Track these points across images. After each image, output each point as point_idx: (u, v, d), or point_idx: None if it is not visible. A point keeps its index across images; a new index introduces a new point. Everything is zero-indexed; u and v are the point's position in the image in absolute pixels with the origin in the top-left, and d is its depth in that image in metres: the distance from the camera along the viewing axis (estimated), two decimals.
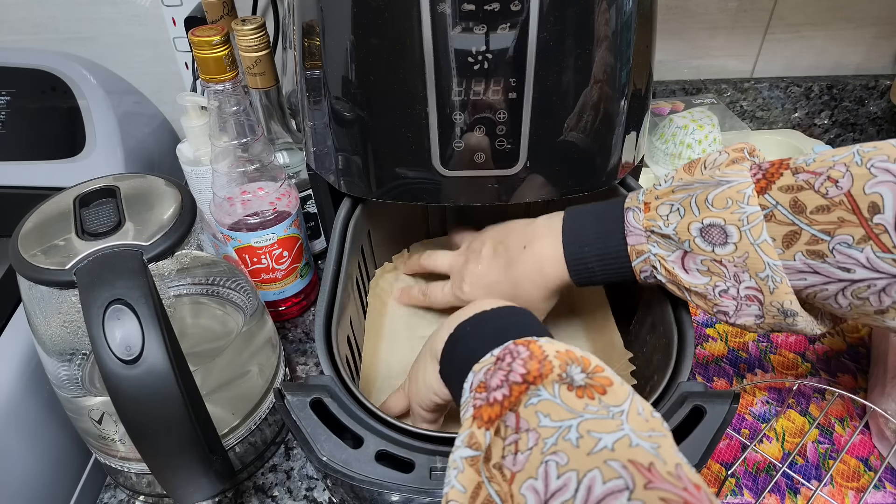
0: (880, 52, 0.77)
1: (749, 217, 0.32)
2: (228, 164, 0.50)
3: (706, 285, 0.34)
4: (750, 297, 0.33)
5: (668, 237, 0.35)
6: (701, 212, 0.33)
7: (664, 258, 0.35)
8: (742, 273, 0.33)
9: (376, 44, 0.38)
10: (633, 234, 0.36)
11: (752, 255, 0.32)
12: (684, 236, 0.34)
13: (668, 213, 0.35)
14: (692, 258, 0.34)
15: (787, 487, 0.45)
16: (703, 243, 0.33)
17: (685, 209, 0.34)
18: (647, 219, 0.36)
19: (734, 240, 0.32)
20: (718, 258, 0.33)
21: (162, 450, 0.33)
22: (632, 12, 0.39)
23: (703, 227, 0.33)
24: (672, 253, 0.35)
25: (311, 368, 0.56)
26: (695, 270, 0.34)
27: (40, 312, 0.38)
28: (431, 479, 0.30)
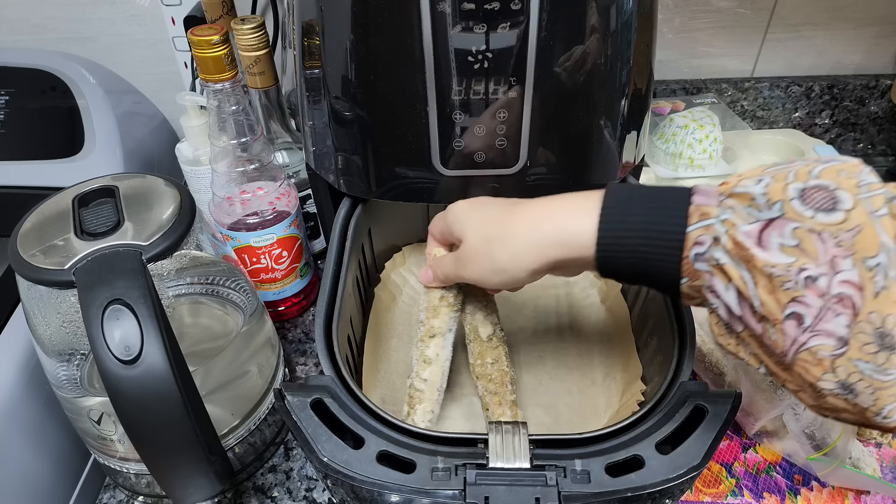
0: (881, 52, 0.77)
1: (870, 186, 0.25)
2: (228, 164, 0.50)
3: (788, 266, 0.25)
4: (843, 297, 0.24)
5: (750, 199, 0.27)
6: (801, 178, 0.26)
7: (735, 226, 0.27)
8: (843, 259, 0.24)
9: (376, 43, 0.38)
10: (702, 194, 0.28)
11: (867, 231, 0.24)
12: (777, 196, 0.26)
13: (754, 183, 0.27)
14: (779, 228, 0.26)
15: (787, 488, 0.45)
16: (802, 206, 0.25)
17: (776, 179, 0.27)
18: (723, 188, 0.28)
19: (846, 207, 0.25)
20: (819, 229, 0.25)
21: (161, 450, 0.33)
22: (632, 12, 0.38)
23: (805, 188, 0.26)
24: (749, 224, 0.26)
25: (311, 368, 0.56)
26: (776, 247, 0.25)
27: (39, 312, 0.38)
28: (433, 479, 0.30)
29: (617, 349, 0.48)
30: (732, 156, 0.70)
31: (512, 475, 0.30)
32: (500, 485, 0.30)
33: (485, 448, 0.31)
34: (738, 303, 0.27)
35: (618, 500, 0.30)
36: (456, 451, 0.32)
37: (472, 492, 0.30)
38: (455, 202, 0.38)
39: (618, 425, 0.33)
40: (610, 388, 0.46)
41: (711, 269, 0.28)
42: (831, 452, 0.43)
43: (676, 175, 0.67)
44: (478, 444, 0.32)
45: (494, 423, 0.32)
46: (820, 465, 0.44)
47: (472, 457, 0.31)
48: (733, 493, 0.45)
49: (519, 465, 0.31)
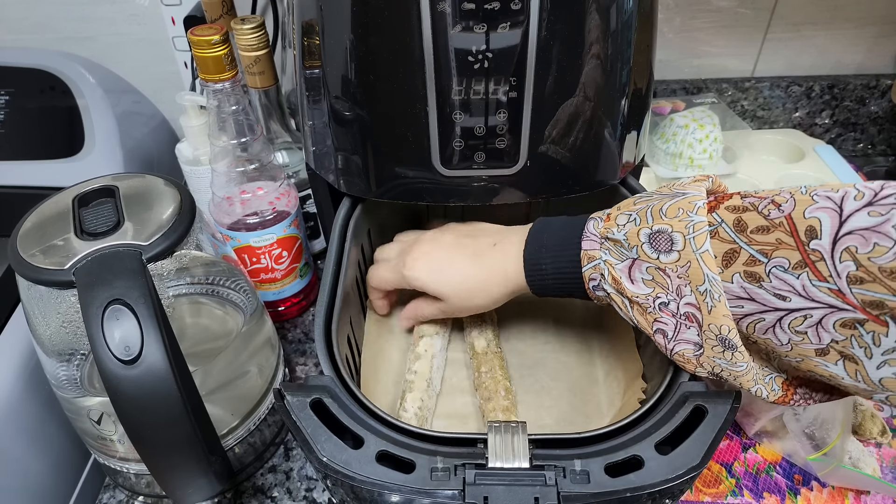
0: (881, 52, 0.77)
1: (695, 226, 0.31)
2: (227, 164, 0.50)
3: (648, 296, 0.34)
4: (689, 315, 0.32)
5: (619, 242, 0.35)
6: (654, 220, 0.33)
7: (613, 265, 0.35)
8: (684, 286, 0.32)
9: (376, 43, 0.38)
10: (589, 240, 0.36)
11: (694, 265, 0.31)
12: (633, 241, 0.34)
13: (626, 223, 0.35)
14: (639, 266, 0.34)
15: (787, 488, 0.45)
16: (650, 250, 0.33)
17: (640, 218, 0.34)
18: (604, 227, 0.36)
19: (678, 248, 0.32)
20: (663, 266, 0.32)
21: (161, 450, 0.33)
22: (632, 12, 0.38)
23: (651, 234, 0.33)
24: (621, 261, 0.35)
25: (311, 369, 0.56)
26: (640, 280, 0.34)
27: (39, 312, 0.38)
28: (432, 479, 0.30)
29: (617, 347, 0.48)
30: (732, 156, 0.70)
31: (511, 475, 0.30)
32: (500, 485, 0.30)
33: (484, 448, 0.31)
34: (629, 320, 0.36)
35: (617, 500, 0.30)
36: (455, 451, 0.32)
37: (471, 492, 0.30)
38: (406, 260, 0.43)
39: (617, 425, 0.33)
40: (612, 387, 0.46)
41: (605, 295, 0.36)
42: (831, 452, 0.43)
43: (677, 175, 0.67)
44: (477, 444, 0.32)
45: (494, 423, 0.32)
46: (820, 465, 0.44)
47: (472, 457, 0.31)
48: (733, 493, 0.45)
49: (518, 465, 0.31)
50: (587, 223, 0.37)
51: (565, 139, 0.41)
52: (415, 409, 0.42)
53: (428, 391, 0.44)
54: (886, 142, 0.82)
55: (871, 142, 0.82)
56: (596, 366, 0.48)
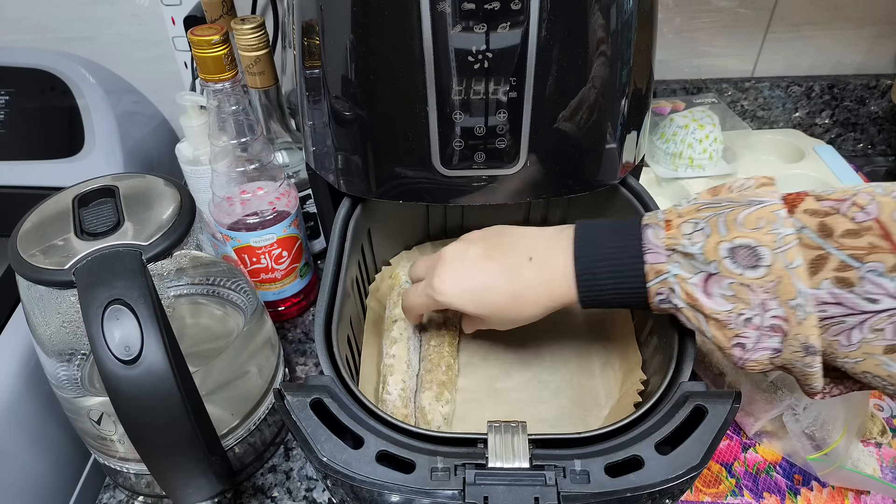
0: (881, 52, 0.77)
1: (784, 239, 0.30)
2: (228, 164, 0.50)
3: (729, 312, 0.31)
4: (775, 327, 0.30)
5: (691, 257, 0.32)
6: (730, 231, 0.31)
7: (685, 280, 0.32)
8: (771, 300, 0.30)
9: (376, 43, 0.38)
10: (652, 252, 0.33)
11: (785, 281, 0.29)
12: (711, 256, 0.31)
13: (693, 232, 0.32)
14: (717, 281, 0.31)
15: (787, 488, 0.45)
16: (733, 265, 0.31)
17: (712, 228, 0.32)
18: (668, 237, 0.33)
19: (766, 263, 0.30)
20: (748, 282, 0.30)
21: (161, 450, 0.33)
22: (632, 12, 0.38)
23: (732, 248, 0.31)
24: (695, 275, 0.32)
25: (311, 368, 0.56)
26: (719, 296, 0.31)
27: (39, 313, 0.38)
28: (432, 479, 0.30)
29: (614, 338, 0.48)
30: (732, 156, 0.70)
31: (511, 475, 0.30)
32: (500, 485, 0.30)
33: (484, 448, 0.31)
34: (698, 332, 0.34)
35: (617, 500, 0.30)
36: (455, 451, 0.32)
37: (471, 492, 0.30)
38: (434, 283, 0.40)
39: (617, 425, 0.33)
40: (609, 378, 0.46)
41: (673, 308, 0.34)
42: (832, 453, 0.43)
43: (676, 175, 0.67)
44: (477, 444, 0.32)
45: (494, 422, 0.32)
46: (820, 466, 0.44)
47: (472, 457, 0.31)
48: (733, 492, 0.45)
49: (518, 464, 0.31)
50: (644, 232, 0.34)
51: (565, 139, 0.41)
52: (398, 390, 0.44)
53: (408, 372, 0.45)
54: (886, 142, 0.82)
55: (870, 142, 0.82)
56: (592, 357, 0.48)
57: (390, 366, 0.45)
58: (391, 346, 0.47)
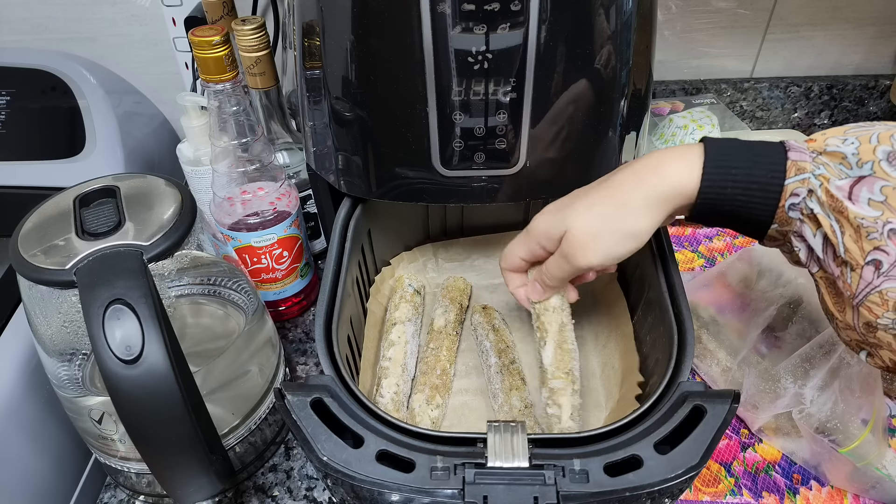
0: (880, 52, 0.77)
1: None
2: (228, 164, 0.50)
3: (877, 219, 0.29)
4: None
5: (842, 157, 0.30)
6: (882, 143, 0.30)
7: (828, 180, 0.30)
8: None
9: (376, 44, 0.38)
10: (797, 151, 0.32)
11: None
12: (867, 157, 0.30)
13: (843, 143, 0.31)
14: (869, 185, 0.29)
15: (786, 487, 0.45)
16: (891, 168, 0.29)
17: (861, 142, 0.30)
18: (812, 147, 0.32)
19: None
20: None
21: (162, 450, 0.33)
22: (631, 12, 0.39)
23: (892, 151, 0.29)
24: (841, 178, 0.30)
25: (311, 368, 0.56)
26: (865, 201, 0.29)
27: (40, 312, 0.38)
28: (432, 478, 0.30)
29: (614, 339, 0.48)
30: None
31: (511, 474, 0.30)
32: (499, 484, 0.30)
33: (484, 447, 0.32)
34: (823, 248, 0.31)
35: (616, 499, 0.30)
36: (455, 450, 0.32)
37: (470, 491, 0.30)
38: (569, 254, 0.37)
39: (616, 425, 0.33)
40: (609, 379, 0.46)
41: (803, 217, 0.31)
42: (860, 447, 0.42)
43: None
44: (477, 444, 0.32)
45: (493, 422, 0.32)
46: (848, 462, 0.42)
47: (471, 456, 0.31)
48: (732, 492, 0.45)
49: (518, 464, 0.31)
50: (786, 142, 0.32)
51: (565, 139, 0.41)
52: (391, 394, 0.44)
53: (403, 376, 0.46)
54: None
55: None
56: (592, 358, 0.48)
57: (385, 369, 0.46)
58: (388, 349, 0.47)
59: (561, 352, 0.41)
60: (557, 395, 0.40)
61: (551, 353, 0.41)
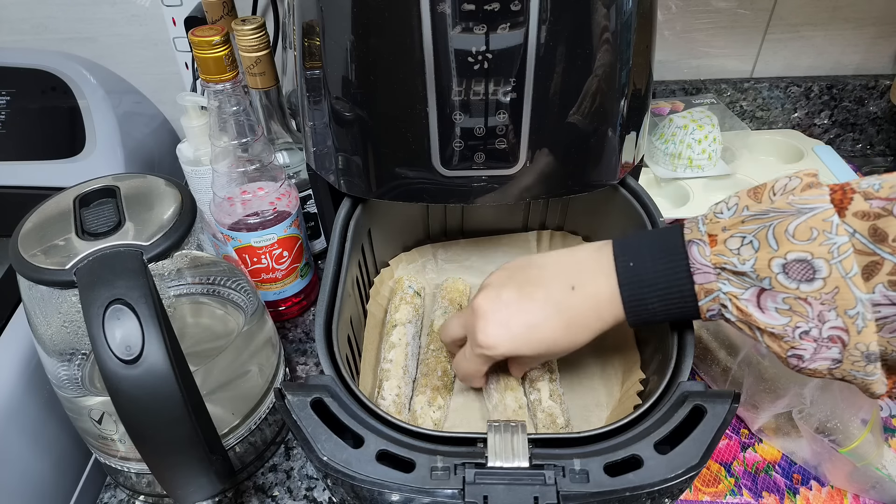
0: (880, 52, 0.77)
1: (840, 248, 0.29)
2: (228, 164, 0.50)
3: (785, 326, 0.31)
4: (833, 338, 0.30)
5: (743, 274, 0.32)
6: (781, 245, 0.30)
7: (736, 297, 0.32)
8: (828, 311, 0.30)
9: (376, 44, 0.38)
10: (701, 272, 0.33)
11: (843, 291, 0.29)
12: (764, 273, 0.31)
13: (740, 247, 0.32)
14: (771, 296, 0.31)
15: (786, 487, 0.45)
16: (787, 280, 0.30)
17: (760, 242, 0.31)
18: (714, 254, 0.32)
19: (823, 275, 0.29)
20: (804, 296, 0.30)
21: (162, 450, 0.33)
22: (631, 12, 0.39)
23: (786, 263, 0.30)
24: (746, 290, 0.32)
25: (311, 368, 0.56)
26: (773, 310, 0.31)
27: (40, 312, 0.38)
28: (432, 478, 0.30)
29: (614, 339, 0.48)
30: (731, 156, 0.70)
31: (511, 474, 0.30)
32: (499, 484, 0.30)
33: (484, 447, 0.32)
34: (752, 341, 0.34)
35: (616, 499, 0.30)
36: (455, 450, 0.32)
37: (470, 491, 0.30)
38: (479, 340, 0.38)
39: (616, 424, 0.33)
40: (610, 378, 0.46)
41: (726, 321, 0.34)
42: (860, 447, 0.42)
43: (675, 175, 0.67)
44: (477, 444, 0.32)
45: (493, 422, 0.32)
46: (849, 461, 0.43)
47: (472, 456, 0.31)
48: (732, 492, 0.45)
49: (518, 464, 0.31)
50: (689, 249, 0.33)
51: (565, 140, 0.41)
52: (392, 396, 0.44)
53: (404, 378, 0.46)
54: (885, 142, 0.82)
55: (869, 142, 0.82)
56: (592, 358, 0.48)
57: (387, 370, 0.46)
58: (389, 351, 0.47)
59: None
60: (536, 382, 0.45)
61: None
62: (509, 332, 0.37)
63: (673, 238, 0.34)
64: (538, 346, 0.38)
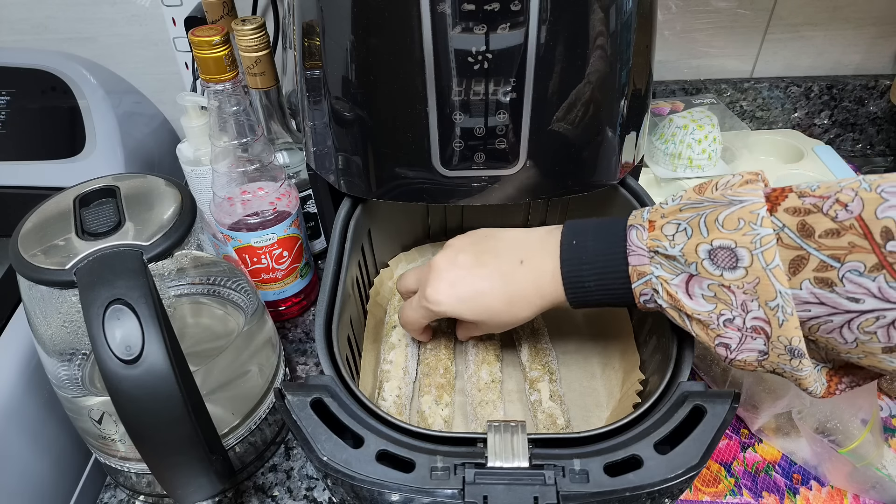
0: (880, 52, 0.77)
1: (762, 240, 0.30)
2: (228, 164, 0.50)
3: (710, 313, 0.32)
4: (757, 328, 0.31)
5: (673, 258, 0.32)
6: (710, 232, 0.31)
7: (667, 281, 0.33)
8: (751, 301, 0.30)
9: (376, 44, 0.38)
10: (636, 254, 0.34)
11: (763, 282, 0.29)
12: (691, 258, 0.32)
13: (675, 233, 0.32)
14: (698, 282, 0.32)
15: (786, 487, 0.45)
16: (712, 266, 0.31)
17: (693, 229, 0.32)
18: (651, 238, 0.33)
19: (745, 264, 0.30)
20: (727, 283, 0.31)
21: (162, 450, 0.33)
22: (632, 12, 0.39)
23: (712, 250, 0.31)
24: (676, 276, 0.32)
25: (311, 368, 0.56)
26: (699, 296, 0.32)
27: (40, 312, 0.38)
28: (432, 478, 0.30)
29: (614, 339, 0.48)
30: (731, 156, 0.70)
31: (511, 474, 0.30)
32: (499, 484, 0.30)
33: (484, 447, 0.32)
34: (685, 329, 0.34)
35: (616, 499, 0.30)
36: (455, 450, 0.32)
37: (470, 491, 0.30)
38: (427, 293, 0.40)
39: (616, 424, 0.33)
40: (610, 379, 0.46)
41: (657, 308, 0.35)
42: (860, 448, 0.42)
43: (675, 175, 0.67)
44: (477, 444, 0.32)
45: (493, 422, 0.32)
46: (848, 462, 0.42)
47: (471, 456, 0.31)
48: (732, 492, 0.45)
49: (518, 464, 0.31)
50: (628, 233, 0.34)
51: (565, 140, 0.41)
52: (393, 397, 0.44)
53: (405, 379, 0.46)
54: (885, 142, 0.82)
55: (869, 142, 0.82)
56: (593, 359, 0.48)
57: (387, 372, 0.46)
58: (389, 353, 0.47)
59: (535, 350, 0.47)
60: (536, 383, 0.45)
61: (527, 352, 0.47)
62: (455, 293, 0.39)
63: (618, 223, 0.36)
64: (480, 312, 0.39)
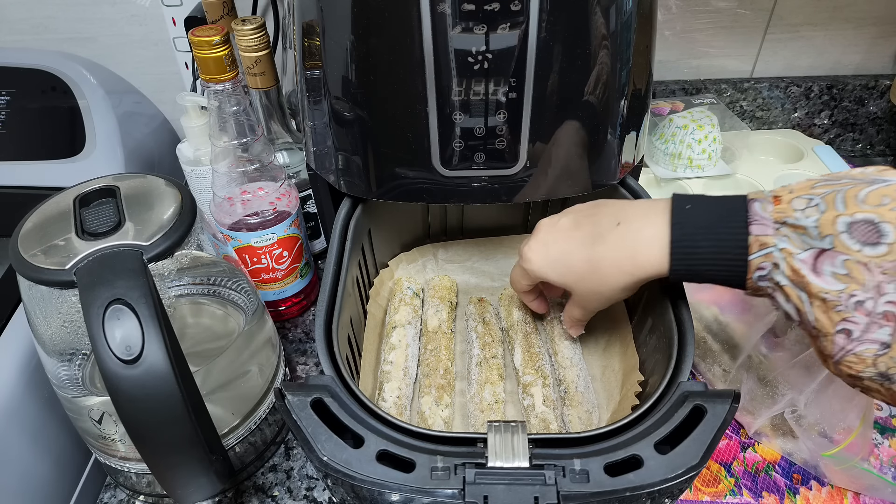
0: (880, 52, 0.77)
1: None
2: (228, 164, 0.50)
3: (840, 293, 0.29)
4: (888, 315, 0.28)
5: (803, 230, 0.30)
6: (849, 207, 0.29)
7: (792, 255, 0.30)
8: (888, 283, 0.28)
9: (376, 44, 0.38)
10: (759, 224, 0.31)
11: None
12: (827, 230, 0.29)
13: (806, 207, 0.30)
14: (830, 258, 0.29)
15: (786, 487, 0.45)
16: (850, 241, 0.29)
17: (828, 204, 0.30)
18: (777, 210, 0.31)
19: (889, 240, 0.28)
20: (865, 260, 0.28)
21: (162, 450, 0.33)
22: (632, 12, 0.39)
23: (853, 222, 0.29)
24: (804, 250, 0.30)
25: (311, 368, 0.56)
26: (828, 274, 0.29)
27: (40, 312, 0.38)
28: (432, 478, 0.30)
29: (613, 340, 0.48)
30: (731, 156, 0.70)
31: (511, 474, 0.30)
32: (500, 484, 0.30)
33: (484, 447, 0.32)
34: (796, 314, 0.32)
35: (616, 499, 0.30)
36: (455, 450, 0.32)
37: (471, 491, 0.30)
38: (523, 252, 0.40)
39: (616, 425, 0.33)
40: (610, 381, 0.46)
41: (773, 286, 0.32)
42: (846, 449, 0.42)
43: (675, 175, 0.67)
44: (477, 444, 0.32)
45: (493, 422, 0.32)
46: (833, 463, 0.43)
47: (472, 456, 0.31)
48: (732, 492, 0.45)
49: (518, 464, 0.31)
50: (751, 205, 0.32)
51: (565, 140, 0.41)
52: (393, 398, 0.44)
53: (405, 380, 0.46)
54: (885, 142, 0.82)
55: (869, 142, 0.82)
56: (593, 360, 0.48)
57: (387, 372, 0.46)
58: (389, 353, 0.47)
59: (528, 354, 0.47)
60: (529, 387, 0.45)
61: (520, 356, 0.48)
62: (546, 252, 0.39)
63: (737, 196, 0.34)
64: (564, 273, 0.38)
